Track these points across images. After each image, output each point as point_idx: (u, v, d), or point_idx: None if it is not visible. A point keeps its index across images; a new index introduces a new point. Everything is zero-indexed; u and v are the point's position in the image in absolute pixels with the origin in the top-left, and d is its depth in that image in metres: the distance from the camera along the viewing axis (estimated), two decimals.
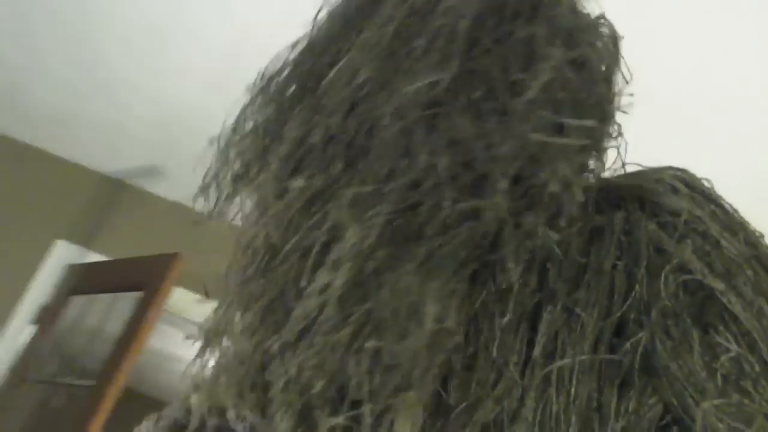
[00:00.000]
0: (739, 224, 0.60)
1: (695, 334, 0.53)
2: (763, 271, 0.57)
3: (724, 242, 0.57)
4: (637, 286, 0.56)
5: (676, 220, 0.58)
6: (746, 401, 0.51)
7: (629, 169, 0.67)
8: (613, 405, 0.53)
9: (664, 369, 0.53)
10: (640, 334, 0.55)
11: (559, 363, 0.55)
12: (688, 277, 0.55)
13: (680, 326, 0.54)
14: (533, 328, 0.57)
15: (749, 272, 0.56)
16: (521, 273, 0.58)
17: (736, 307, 0.54)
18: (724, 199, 0.63)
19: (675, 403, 0.52)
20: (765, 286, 0.56)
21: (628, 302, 0.57)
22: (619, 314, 0.56)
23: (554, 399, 0.54)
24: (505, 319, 0.57)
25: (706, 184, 0.64)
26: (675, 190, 0.62)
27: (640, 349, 0.54)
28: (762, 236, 0.61)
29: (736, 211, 0.62)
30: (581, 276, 0.58)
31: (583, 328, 0.56)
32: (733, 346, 0.53)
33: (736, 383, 0.52)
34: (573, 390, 0.54)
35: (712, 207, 0.61)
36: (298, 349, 0.55)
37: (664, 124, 2.25)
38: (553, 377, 0.55)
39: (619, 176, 0.66)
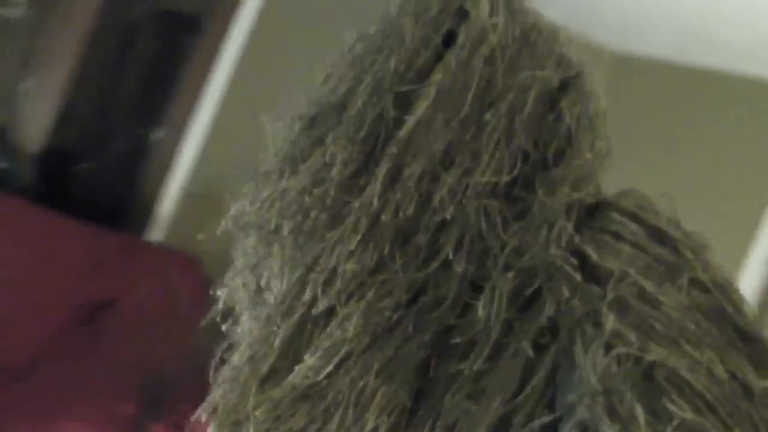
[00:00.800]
0: (686, 263, 0.58)
1: (640, 409, 0.51)
2: (707, 320, 0.56)
3: (662, 298, 0.56)
4: (576, 364, 0.55)
5: (611, 282, 0.57)
6: None
7: None
8: None
9: None
10: (579, 416, 0.53)
11: None
12: (625, 351, 0.53)
13: (625, 403, 0.52)
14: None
15: (692, 327, 0.55)
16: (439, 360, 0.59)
17: (683, 370, 0.52)
18: (675, 228, 0.61)
19: None
20: (710, 338, 0.55)
21: (553, 385, 0.56)
22: (521, 399, 0.56)
23: None
24: (419, 414, 0.58)
25: (660, 210, 0.63)
26: (618, 238, 0.61)
27: None
28: (711, 270, 0.59)
29: (687, 236, 0.61)
30: (498, 357, 0.58)
31: (480, 416, 0.56)
32: (687, 414, 0.51)
33: None
34: None
35: (657, 250, 0.59)
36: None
37: None
38: None
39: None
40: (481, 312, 0.57)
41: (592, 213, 0.63)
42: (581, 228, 0.61)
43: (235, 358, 0.64)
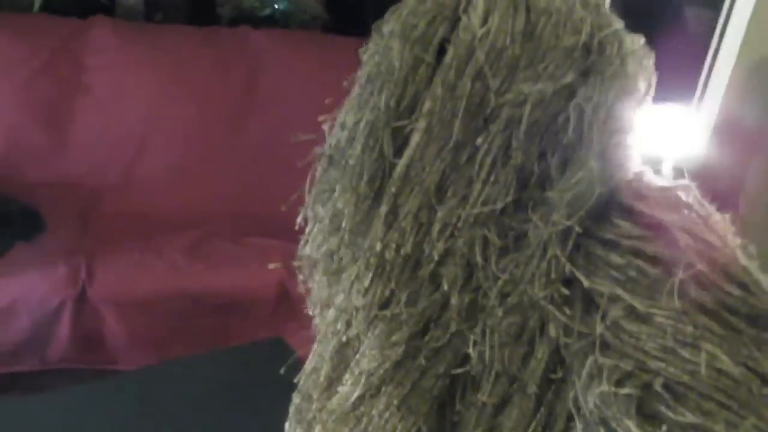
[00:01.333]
0: (683, 256, 0.56)
1: (634, 426, 0.52)
2: (707, 317, 0.54)
3: (653, 311, 0.55)
4: (575, 396, 0.57)
5: (602, 305, 0.57)
6: None
7: None
8: None
9: None
10: None
11: None
12: (620, 376, 0.54)
13: (622, 426, 0.53)
14: None
15: (689, 329, 0.54)
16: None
17: (682, 376, 0.52)
18: (672, 212, 0.59)
19: None
20: (710, 334, 0.53)
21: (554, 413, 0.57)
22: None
23: None
24: None
25: (662, 191, 0.61)
26: (611, 247, 0.59)
27: None
28: (711, 252, 0.57)
29: (688, 215, 0.59)
30: (509, 393, 0.59)
31: None
32: (687, 418, 0.51)
33: None
34: None
35: (652, 249, 0.57)
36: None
37: None
38: None
39: None
40: (471, 350, 0.60)
41: (595, 217, 0.61)
42: (580, 240, 0.60)
43: (306, 365, 0.72)
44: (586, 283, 0.58)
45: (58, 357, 2.31)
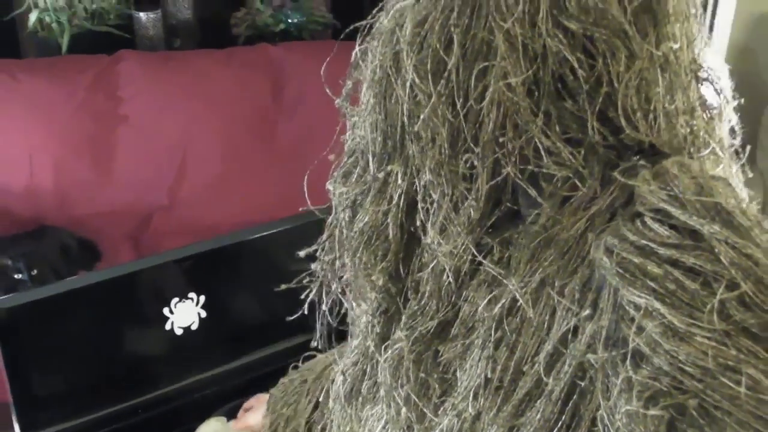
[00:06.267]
0: (724, 270, 0.52)
1: None
2: (752, 340, 0.51)
3: (694, 330, 0.52)
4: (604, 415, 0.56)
5: (637, 319, 0.54)
6: None
7: None
8: None
9: None
10: None
11: None
12: (651, 394, 0.52)
13: None
14: None
15: (732, 353, 0.50)
16: None
17: (723, 402, 0.50)
18: (711, 222, 0.54)
19: None
20: (755, 359, 0.50)
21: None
22: None
23: None
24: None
25: (696, 189, 0.56)
26: (647, 255, 0.55)
27: None
28: (759, 268, 0.53)
29: (728, 224, 0.54)
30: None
31: None
32: None
33: None
34: None
35: (691, 261, 0.53)
36: None
37: None
38: None
39: None
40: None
41: (630, 214, 0.59)
42: (612, 243, 0.58)
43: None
44: (622, 293, 0.56)
45: None
